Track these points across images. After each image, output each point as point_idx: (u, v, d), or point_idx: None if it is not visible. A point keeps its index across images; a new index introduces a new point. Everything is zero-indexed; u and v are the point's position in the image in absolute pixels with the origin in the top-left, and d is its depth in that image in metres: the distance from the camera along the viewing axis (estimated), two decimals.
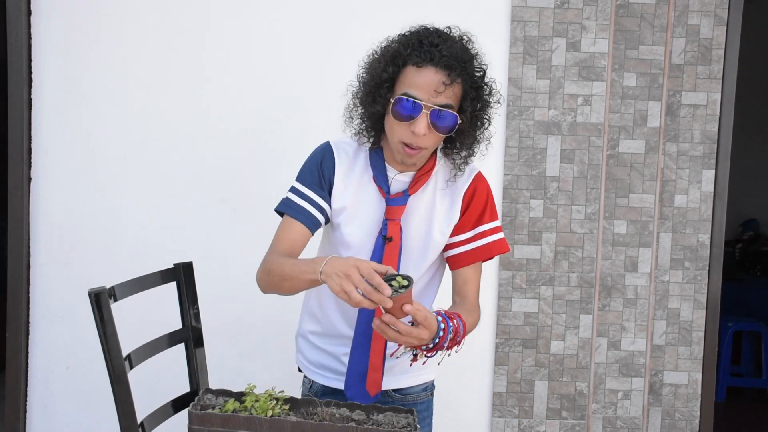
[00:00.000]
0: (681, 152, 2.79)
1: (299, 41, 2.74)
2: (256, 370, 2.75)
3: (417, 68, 1.57)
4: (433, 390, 1.92)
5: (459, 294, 1.77)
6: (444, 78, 1.56)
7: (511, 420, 2.82)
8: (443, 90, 1.56)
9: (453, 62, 1.56)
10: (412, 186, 1.70)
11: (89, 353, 2.67)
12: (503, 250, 1.77)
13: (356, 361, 1.73)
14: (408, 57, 1.58)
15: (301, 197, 1.73)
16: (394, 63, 1.60)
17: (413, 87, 1.57)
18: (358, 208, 1.72)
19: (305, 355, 1.88)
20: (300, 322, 1.92)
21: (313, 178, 1.73)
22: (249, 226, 2.75)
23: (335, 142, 1.76)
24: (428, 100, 1.57)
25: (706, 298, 2.83)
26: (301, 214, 1.72)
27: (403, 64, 1.59)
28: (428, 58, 1.56)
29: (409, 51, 1.58)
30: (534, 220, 2.79)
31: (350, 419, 1.59)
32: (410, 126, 1.58)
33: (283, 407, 1.60)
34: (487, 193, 1.77)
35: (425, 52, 1.56)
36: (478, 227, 1.75)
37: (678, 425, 2.85)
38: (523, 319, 2.81)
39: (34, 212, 2.75)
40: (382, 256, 1.69)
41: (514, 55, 2.75)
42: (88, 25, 2.71)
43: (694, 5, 2.76)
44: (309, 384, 1.88)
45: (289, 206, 1.74)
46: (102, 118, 2.74)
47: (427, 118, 1.57)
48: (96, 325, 1.61)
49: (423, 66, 1.56)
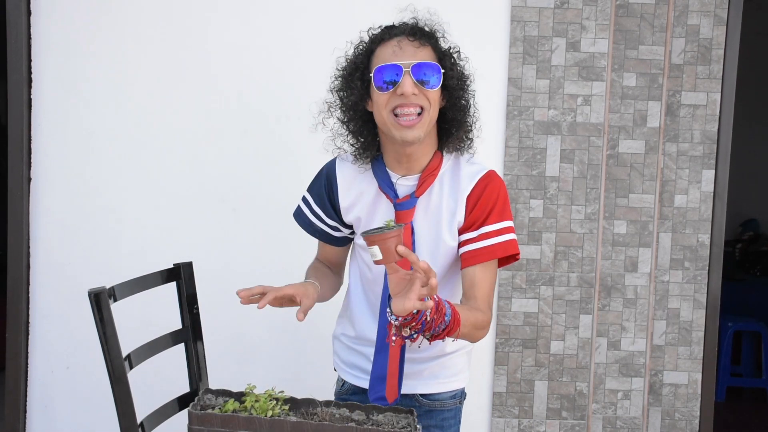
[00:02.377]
0: (681, 152, 2.79)
1: (300, 41, 2.74)
2: (256, 370, 2.75)
3: (384, 44, 1.61)
4: (463, 398, 1.89)
5: (466, 296, 1.71)
6: (411, 40, 1.60)
7: (511, 420, 2.82)
8: (416, 48, 1.59)
9: (416, 30, 1.62)
10: (418, 188, 1.68)
11: (89, 353, 2.67)
12: (508, 251, 1.69)
13: (379, 364, 1.73)
14: (373, 41, 1.64)
15: (314, 215, 1.80)
16: (364, 52, 1.65)
17: (386, 59, 1.60)
18: (372, 219, 1.74)
19: (340, 356, 1.91)
20: (336, 325, 1.95)
21: (321, 200, 1.78)
22: (249, 226, 2.75)
23: (341, 160, 1.78)
24: (405, 61, 1.58)
25: (706, 298, 2.83)
26: (318, 233, 1.83)
27: (372, 48, 1.64)
28: (391, 32, 1.62)
29: (373, 37, 1.65)
30: (534, 220, 2.79)
31: (350, 419, 1.59)
32: (397, 91, 1.57)
33: (283, 407, 1.60)
34: (497, 192, 1.69)
35: (387, 29, 1.64)
36: (483, 227, 1.69)
37: (678, 425, 2.85)
38: (523, 319, 2.81)
39: (34, 212, 2.75)
40: None
41: (514, 55, 2.75)
42: (88, 25, 2.71)
43: (693, 5, 2.76)
44: (341, 383, 1.91)
45: (302, 219, 1.83)
46: (102, 118, 2.74)
47: (411, 76, 1.57)
48: (96, 325, 1.61)
49: (388, 39, 1.61)
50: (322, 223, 1.80)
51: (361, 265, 1.81)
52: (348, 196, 1.75)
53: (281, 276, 2.75)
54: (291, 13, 2.73)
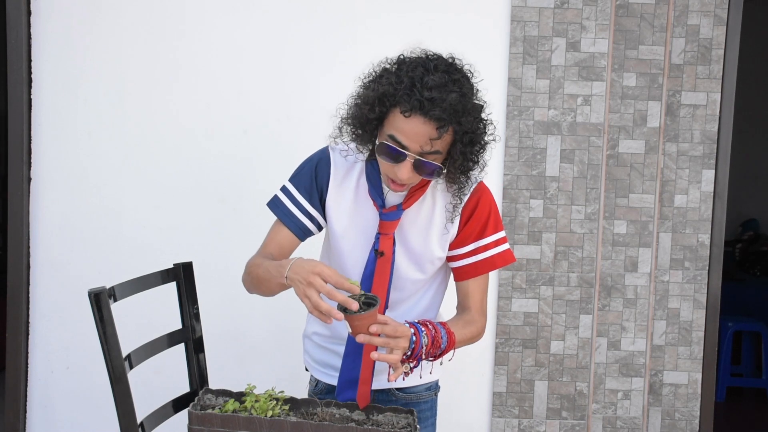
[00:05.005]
0: (681, 152, 2.79)
1: (300, 41, 2.74)
2: (256, 370, 2.75)
3: (405, 116, 1.47)
4: (437, 390, 1.91)
5: (461, 305, 1.76)
6: (432, 131, 1.47)
7: (511, 420, 2.82)
8: (432, 138, 1.48)
9: (444, 116, 1.45)
10: (406, 200, 1.66)
11: (89, 353, 2.67)
12: (507, 261, 1.74)
13: (347, 368, 1.72)
14: (398, 101, 1.48)
15: (292, 201, 1.72)
16: (383, 103, 1.50)
17: (400, 132, 1.49)
18: (354, 219, 1.71)
19: (311, 355, 1.90)
20: (306, 323, 1.93)
21: (305, 184, 1.71)
22: (249, 226, 2.75)
23: (334, 149, 1.73)
24: (414, 149, 1.50)
25: (706, 298, 2.83)
26: (291, 220, 1.72)
27: (392, 106, 1.50)
28: (418, 107, 1.45)
29: (400, 94, 1.47)
30: (534, 220, 2.79)
31: (350, 419, 1.59)
32: (394, 168, 1.54)
33: (283, 407, 1.60)
34: (489, 205, 1.71)
35: (416, 101, 1.45)
36: (480, 240, 1.71)
37: (678, 425, 2.85)
38: (523, 319, 2.81)
39: (34, 212, 2.75)
40: (374, 269, 1.68)
41: (514, 55, 2.75)
42: (88, 25, 2.71)
43: (693, 5, 2.76)
44: (315, 383, 1.89)
45: (279, 208, 1.73)
46: (101, 118, 2.74)
47: (411, 165, 1.52)
48: (96, 325, 1.61)
49: (411, 115, 1.47)
50: (303, 214, 1.72)
51: (333, 259, 1.78)
52: (336, 189, 1.71)
53: None
54: (291, 13, 2.73)
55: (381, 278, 1.68)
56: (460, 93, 1.47)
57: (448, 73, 1.49)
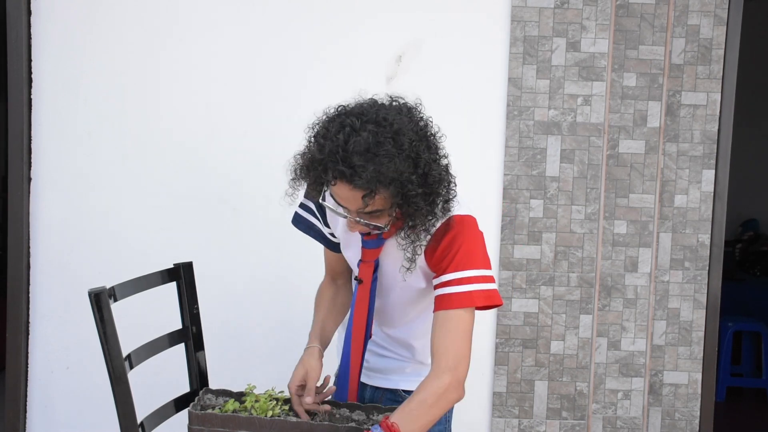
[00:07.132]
0: (681, 152, 2.79)
1: (300, 41, 2.73)
2: (256, 370, 2.75)
3: (332, 184, 1.45)
4: None
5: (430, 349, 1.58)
6: (359, 201, 1.44)
7: (511, 420, 2.82)
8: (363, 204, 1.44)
9: (368, 185, 1.40)
10: (388, 230, 1.59)
11: (89, 353, 2.67)
12: (465, 304, 1.54)
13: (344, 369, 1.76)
14: (325, 167, 1.44)
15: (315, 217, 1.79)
16: (314, 168, 1.48)
17: (335, 194, 1.48)
18: (348, 244, 1.75)
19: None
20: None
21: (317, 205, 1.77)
22: (249, 226, 2.75)
23: None
24: (352, 209, 1.48)
25: (706, 298, 2.83)
26: (320, 236, 1.80)
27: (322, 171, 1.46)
28: (339, 176, 1.42)
29: (325, 161, 1.43)
30: (534, 220, 2.79)
31: (350, 419, 1.60)
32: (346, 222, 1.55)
33: (283, 407, 1.60)
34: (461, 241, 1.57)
35: (338, 171, 1.41)
36: (440, 277, 1.58)
37: (678, 425, 2.85)
38: (523, 319, 2.81)
39: (34, 212, 2.75)
40: (355, 297, 1.70)
41: (514, 55, 2.75)
42: (88, 26, 2.71)
43: (694, 5, 2.76)
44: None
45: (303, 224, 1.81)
46: (101, 118, 2.74)
47: (354, 222, 1.51)
48: (96, 325, 1.61)
49: (337, 183, 1.44)
50: (324, 226, 1.79)
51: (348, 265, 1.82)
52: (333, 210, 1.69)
53: (281, 276, 2.76)
54: (293, 13, 2.73)
55: (360, 305, 1.68)
56: (387, 155, 1.40)
57: (375, 133, 1.41)
